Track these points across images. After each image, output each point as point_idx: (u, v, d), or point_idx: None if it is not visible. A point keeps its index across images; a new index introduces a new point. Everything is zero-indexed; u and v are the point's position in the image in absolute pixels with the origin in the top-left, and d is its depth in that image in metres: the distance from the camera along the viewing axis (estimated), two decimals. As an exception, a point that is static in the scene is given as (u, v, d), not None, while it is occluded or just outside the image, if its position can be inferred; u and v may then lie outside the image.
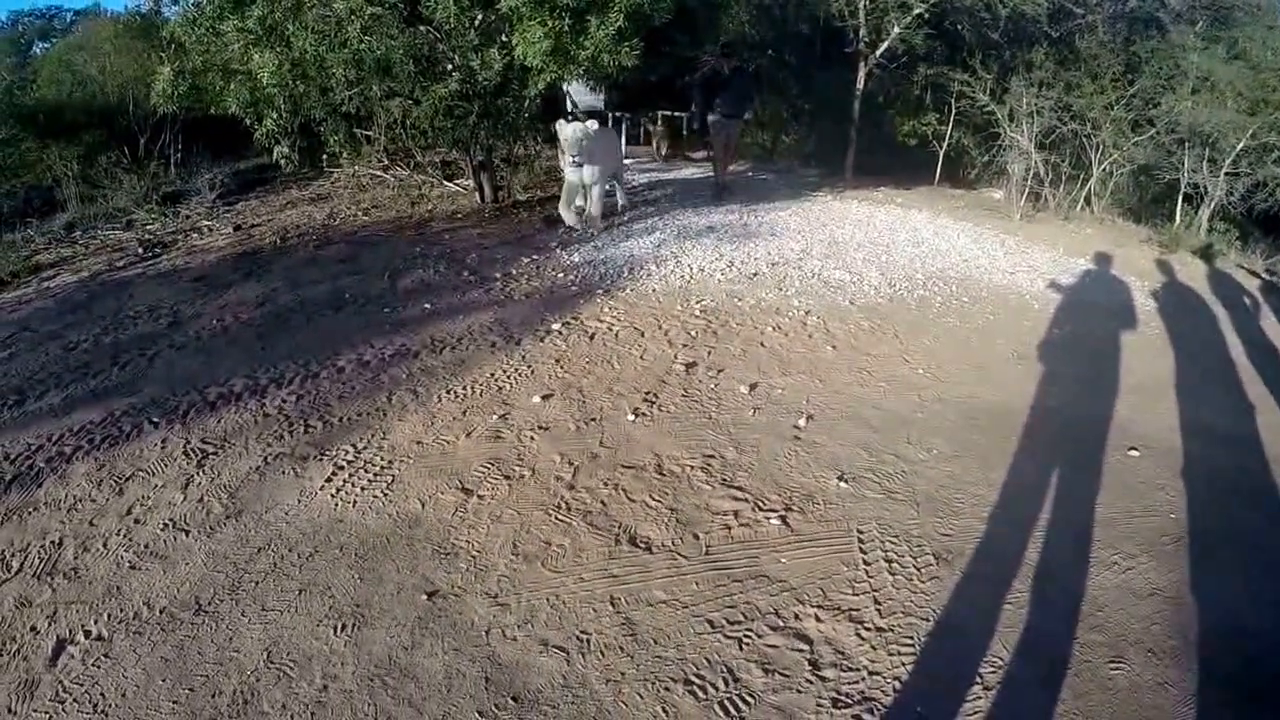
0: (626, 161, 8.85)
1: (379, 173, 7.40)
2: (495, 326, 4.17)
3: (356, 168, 7.50)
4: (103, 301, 3.83)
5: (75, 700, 2.01)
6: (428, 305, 4.42)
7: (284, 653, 2.11)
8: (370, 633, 2.16)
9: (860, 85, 8.74)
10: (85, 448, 3.19)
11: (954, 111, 8.88)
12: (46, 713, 1.99)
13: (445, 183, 7.30)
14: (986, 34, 8.95)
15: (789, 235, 6.08)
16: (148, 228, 6.46)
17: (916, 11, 8.15)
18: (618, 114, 9.10)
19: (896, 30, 8.32)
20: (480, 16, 5.41)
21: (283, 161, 6.59)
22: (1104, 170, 8.20)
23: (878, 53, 8.55)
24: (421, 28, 5.64)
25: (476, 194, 7.02)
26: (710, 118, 7.55)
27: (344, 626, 2.19)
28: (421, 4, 5.41)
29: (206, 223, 6.56)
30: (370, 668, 2.05)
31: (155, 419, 3.28)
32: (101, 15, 13.86)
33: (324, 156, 7.43)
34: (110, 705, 1.99)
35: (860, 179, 8.81)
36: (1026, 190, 8.20)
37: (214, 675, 2.06)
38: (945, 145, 9.12)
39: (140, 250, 5.78)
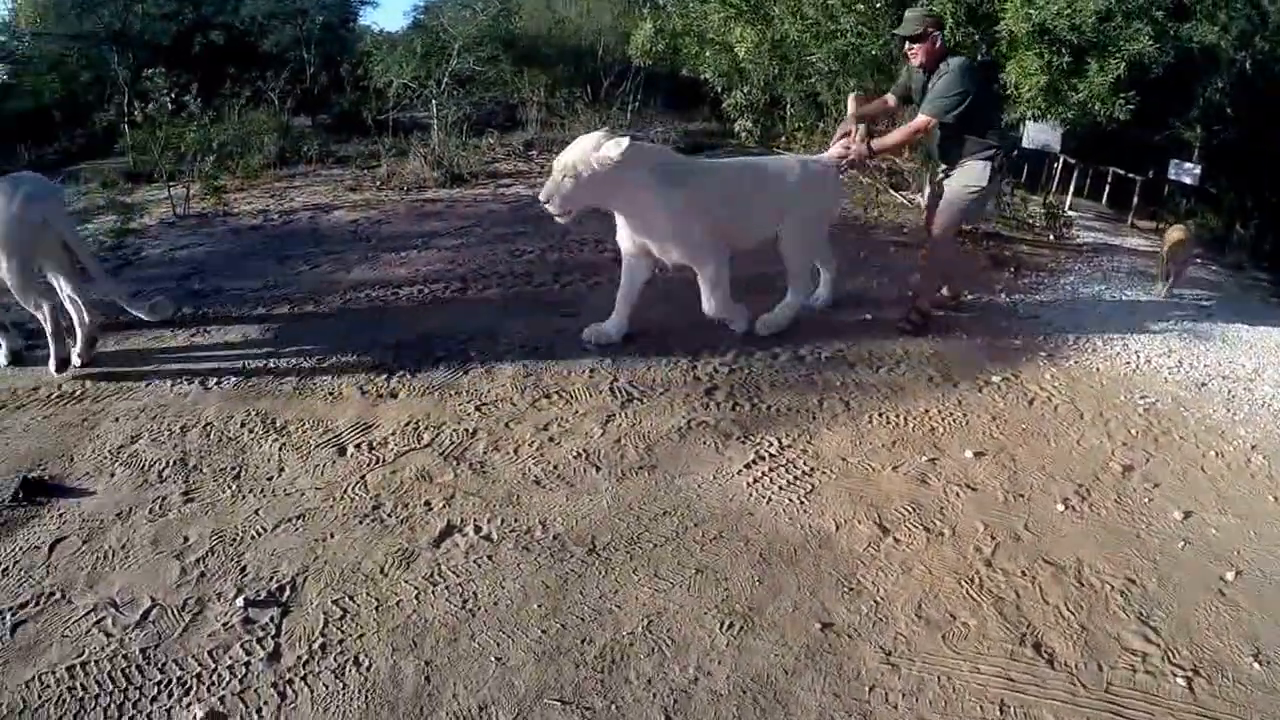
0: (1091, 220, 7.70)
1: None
2: (933, 360, 3.85)
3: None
4: (552, 222, 4.16)
5: (447, 588, 2.11)
6: (867, 315, 4.22)
7: (665, 628, 2.06)
8: (756, 642, 2.05)
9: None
10: (516, 352, 3.45)
11: None
12: (416, 588, 2.10)
13: (890, 191, 7.02)
14: None
15: (1241, 346, 5.01)
16: (599, 164, 7.01)
17: None
18: (1070, 160, 8.04)
19: None
20: (977, 36, 5.05)
21: (744, 134, 6.78)
22: None
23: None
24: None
25: (926, 213, 6.56)
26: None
27: (732, 625, 2.10)
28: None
29: (656, 170, 6.94)
30: (747, 678, 1.94)
31: (588, 345, 3.47)
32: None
33: (781, 137, 7.52)
34: (480, 607, 2.06)
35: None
36: None
37: (589, 622, 2.06)
38: None
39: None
